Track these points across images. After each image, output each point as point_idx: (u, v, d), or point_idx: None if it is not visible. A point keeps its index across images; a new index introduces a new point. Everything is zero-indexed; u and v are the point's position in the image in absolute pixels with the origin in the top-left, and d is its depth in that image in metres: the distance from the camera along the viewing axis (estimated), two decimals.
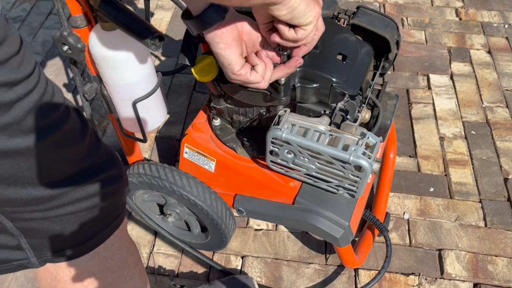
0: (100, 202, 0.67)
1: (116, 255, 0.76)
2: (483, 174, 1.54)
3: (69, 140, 0.60)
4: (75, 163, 0.62)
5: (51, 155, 0.57)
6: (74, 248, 0.69)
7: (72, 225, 0.65)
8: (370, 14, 1.02)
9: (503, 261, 1.33)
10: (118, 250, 0.76)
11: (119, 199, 0.73)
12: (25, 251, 0.66)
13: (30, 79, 0.53)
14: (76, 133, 0.61)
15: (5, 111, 0.50)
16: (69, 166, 0.61)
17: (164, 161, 1.59)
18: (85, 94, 0.94)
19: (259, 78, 0.72)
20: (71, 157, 0.61)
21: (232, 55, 0.68)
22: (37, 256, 0.67)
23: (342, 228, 1.00)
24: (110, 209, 0.71)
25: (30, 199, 0.58)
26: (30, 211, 0.60)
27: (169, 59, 1.96)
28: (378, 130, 1.02)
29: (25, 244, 0.65)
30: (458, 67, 1.91)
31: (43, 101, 0.54)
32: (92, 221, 0.68)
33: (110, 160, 0.69)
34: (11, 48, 0.50)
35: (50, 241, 0.66)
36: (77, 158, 0.62)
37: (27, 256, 0.66)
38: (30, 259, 0.67)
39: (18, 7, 2.23)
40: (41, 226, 0.63)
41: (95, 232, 0.70)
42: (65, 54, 0.84)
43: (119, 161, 0.72)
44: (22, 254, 0.66)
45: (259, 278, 1.31)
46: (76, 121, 0.61)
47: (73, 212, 0.64)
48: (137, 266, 0.84)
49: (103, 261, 0.75)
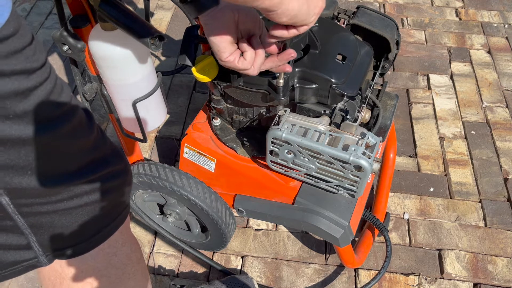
0: (106, 196, 0.67)
1: (120, 251, 0.76)
2: (483, 174, 1.54)
3: (78, 132, 0.61)
4: (83, 155, 0.62)
5: (64, 145, 0.58)
6: (81, 243, 0.69)
7: (80, 219, 0.66)
8: (370, 14, 1.03)
9: (503, 261, 1.33)
10: (122, 246, 0.77)
11: (124, 194, 0.73)
12: (34, 250, 0.66)
13: (43, 69, 0.54)
14: (84, 126, 0.62)
15: (23, 97, 0.51)
16: (80, 157, 0.62)
17: (164, 161, 1.59)
18: (85, 94, 0.94)
19: (247, 65, 0.73)
20: (80, 149, 0.62)
21: (222, 43, 0.69)
22: (46, 254, 0.67)
23: (342, 228, 1.00)
24: (115, 204, 0.71)
25: (43, 190, 0.58)
26: (42, 203, 0.60)
27: (169, 59, 1.96)
28: (378, 130, 1.02)
29: (34, 243, 0.65)
30: (458, 67, 1.91)
31: (55, 92, 0.56)
32: (98, 215, 0.68)
33: (115, 155, 0.70)
34: (25, 38, 0.51)
35: (58, 237, 0.66)
36: (85, 151, 0.63)
37: (36, 255, 0.67)
38: (39, 257, 0.67)
39: (18, 7, 2.23)
40: (50, 221, 0.63)
41: (100, 227, 0.70)
42: (65, 54, 0.84)
43: (124, 156, 0.73)
44: (31, 254, 0.66)
45: (259, 278, 1.31)
46: (83, 114, 0.62)
47: (81, 205, 0.64)
48: (139, 263, 0.84)
49: (107, 258, 0.75)
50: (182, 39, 0.87)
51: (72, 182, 0.61)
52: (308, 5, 0.61)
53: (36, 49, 0.53)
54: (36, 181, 0.57)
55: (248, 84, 0.90)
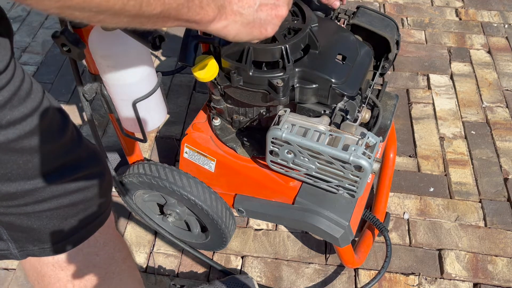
0: (80, 199, 0.67)
1: (101, 251, 0.77)
2: (483, 174, 1.54)
3: (46, 136, 0.60)
4: (51, 159, 0.62)
5: (26, 151, 0.58)
6: (55, 244, 0.69)
7: (52, 221, 0.66)
8: (370, 14, 1.03)
9: (503, 261, 1.33)
10: (104, 246, 0.77)
11: (101, 196, 0.73)
12: (6, 242, 0.66)
13: (1, 76, 0.53)
14: (53, 130, 0.62)
15: None
16: (45, 163, 0.61)
17: (164, 161, 1.59)
18: (85, 94, 0.94)
19: None
20: (47, 154, 0.61)
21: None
22: (18, 249, 0.68)
23: (342, 228, 1.00)
24: (92, 205, 0.71)
25: (3, 194, 0.58)
26: (6, 206, 0.60)
27: (169, 59, 1.96)
28: (378, 130, 1.02)
29: (6, 236, 0.66)
30: (458, 67, 1.91)
31: (15, 98, 0.55)
32: (73, 217, 0.68)
33: (91, 158, 0.70)
34: None
35: (30, 236, 0.66)
36: (54, 155, 0.62)
37: (8, 247, 0.67)
38: (12, 250, 0.68)
39: (18, 7, 2.23)
40: (19, 221, 0.63)
41: (76, 229, 0.70)
42: (65, 54, 0.84)
43: (101, 159, 0.73)
44: (4, 245, 0.67)
45: (259, 278, 1.31)
46: (54, 118, 0.62)
47: (52, 208, 0.64)
48: (126, 262, 0.84)
49: (88, 257, 0.75)
50: (182, 39, 0.87)
51: (36, 187, 0.61)
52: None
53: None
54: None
55: (248, 84, 0.90)
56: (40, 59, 1.98)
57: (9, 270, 1.33)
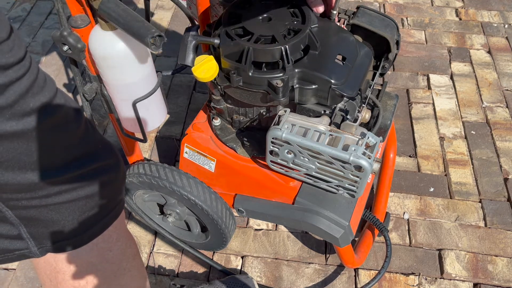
0: (97, 191, 0.67)
1: (114, 246, 0.76)
2: (483, 174, 1.54)
3: (63, 126, 0.60)
4: (70, 149, 0.62)
5: (46, 140, 0.58)
6: (73, 238, 0.69)
7: (71, 214, 0.66)
8: (370, 14, 1.02)
9: (503, 261, 1.33)
10: (116, 241, 0.77)
11: (117, 189, 0.73)
12: (25, 240, 0.66)
13: (21, 64, 0.53)
14: (70, 120, 0.62)
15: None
16: (65, 152, 0.62)
17: (164, 161, 1.59)
18: (85, 94, 0.94)
19: None
20: (66, 143, 0.62)
21: None
22: (38, 246, 0.68)
23: (342, 228, 1.00)
24: (108, 198, 0.71)
25: (28, 185, 0.58)
26: (29, 198, 0.60)
27: (169, 59, 1.96)
28: (378, 130, 1.02)
29: (25, 234, 0.65)
30: (458, 67, 1.91)
31: (35, 86, 0.55)
32: (90, 210, 0.68)
33: (106, 150, 0.70)
34: (0, 34, 0.51)
35: (49, 231, 0.66)
36: (72, 145, 0.63)
37: (27, 246, 0.67)
38: (31, 248, 0.67)
39: (18, 7, 2.23)
40: (39, 215, 0.63)
41: (93, 222, 0.70)
42: (65, 54, 0.84)
43: (115, 151, 0.73)
44: (23, 244, 0.67)
45: (259, 278, 1.31)
46: (70, 108, 0.62)
47: (71, 200, 0.64)
48: (135, 259, 0.84)
49: (102, 252, 0.75)
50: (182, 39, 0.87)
51: (57, 177, 0.61)
52: None
53: (14, 43, 0.53)
54: (19, 176, 0.57)
55: (248, 84, 0.90)
56: (40, 59, 1.98)
57: (9, 270, 1.33)
